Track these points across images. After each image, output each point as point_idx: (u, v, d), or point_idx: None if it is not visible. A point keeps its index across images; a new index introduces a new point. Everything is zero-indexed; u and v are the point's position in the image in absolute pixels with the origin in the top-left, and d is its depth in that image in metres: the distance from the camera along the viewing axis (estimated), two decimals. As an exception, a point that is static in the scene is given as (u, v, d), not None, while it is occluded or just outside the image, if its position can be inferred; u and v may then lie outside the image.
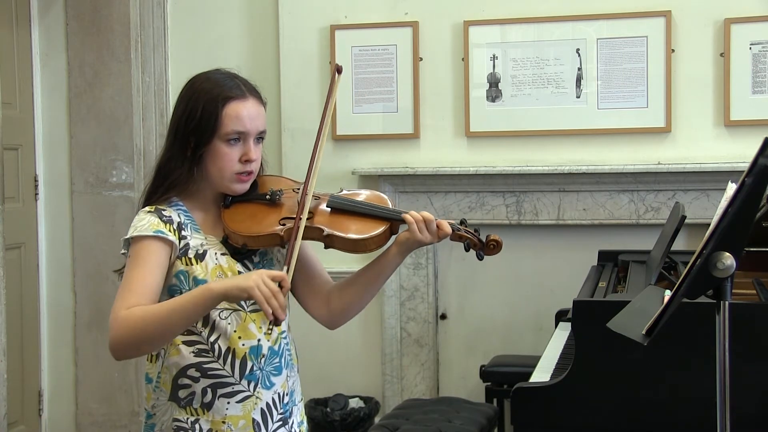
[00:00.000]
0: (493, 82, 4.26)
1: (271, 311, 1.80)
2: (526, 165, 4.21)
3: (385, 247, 2.07)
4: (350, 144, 4.41)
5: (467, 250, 2.07)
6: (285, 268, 1.94)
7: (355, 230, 2.02)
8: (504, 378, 3.94)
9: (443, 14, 4.31)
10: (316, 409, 4.18)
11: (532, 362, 3.19)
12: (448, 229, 2.02)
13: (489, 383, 4.00)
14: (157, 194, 2.03)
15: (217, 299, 1.84)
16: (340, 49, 4.39)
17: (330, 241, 2.02)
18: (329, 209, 2.06)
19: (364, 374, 4.50)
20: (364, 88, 4.36)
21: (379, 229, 2.02)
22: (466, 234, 2.06)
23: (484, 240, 2.06)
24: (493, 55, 4.25)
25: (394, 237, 2.06)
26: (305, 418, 2.18)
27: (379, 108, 4.36)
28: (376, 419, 4.10)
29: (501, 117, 4.26)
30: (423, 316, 4.43)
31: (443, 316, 4.46)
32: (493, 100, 4.27)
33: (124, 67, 4.49)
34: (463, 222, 2.08)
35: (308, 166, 2.03)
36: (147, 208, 2.01)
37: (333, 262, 2.21)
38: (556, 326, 3.63)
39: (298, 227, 1.97)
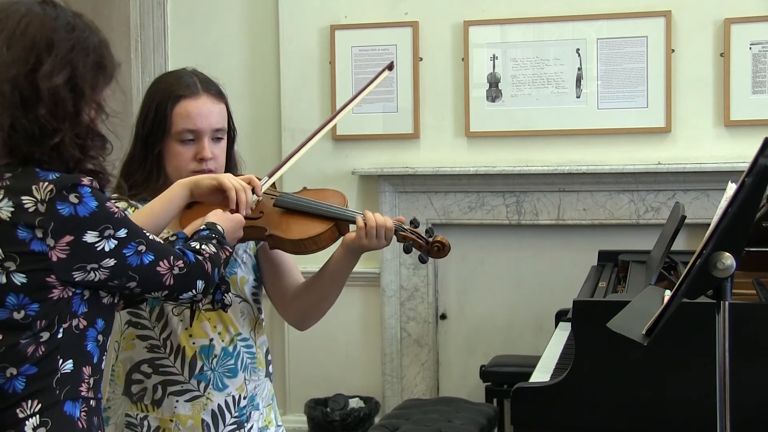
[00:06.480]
0: (493, 82, 4.26)
1: (235, 201, 1.82)
2: (526, 165, 4.21)
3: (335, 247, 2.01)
4: (350, 144, 4.40)
5: (407, 252, 1.96)
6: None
7: (296, 231, 1.94)
8: (504, 378, 3.94)
9: (443, 14, 4.31)
10: (316, 409, 4.18)
11: (532, 362, 3.19)
12: (391, 234, 1.94)
13: (489, 383, 4.00)
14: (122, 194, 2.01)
15: (186, 187, 1.82)
16: (340, 49, 4.38)
17: (273, 242, 1.96)
18: (277, 208, 1.99)
19: (364, 374, 4.50)
20: (364, 88, 4.34)
21: (321, 229, 1.94)
22: (411, 235, 1.95)
23: (430, 241, 1.95)
24: (493, 55, 4.25)
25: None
26: (275, 425, 2.11)
27: (379, 108, 4.36)
28: (376, 419, 4.10)
29: (501, 117, 4.25)
30: (423, 316, 4.42)
31: (443, 316, 4.46)
32: (493, 100, 4.27)
33: (124, 67, 4.48)
34: (412, 222, 1.99)
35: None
36: (115, 195, 1.98)
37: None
38: (556, 326, 3.62)
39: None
